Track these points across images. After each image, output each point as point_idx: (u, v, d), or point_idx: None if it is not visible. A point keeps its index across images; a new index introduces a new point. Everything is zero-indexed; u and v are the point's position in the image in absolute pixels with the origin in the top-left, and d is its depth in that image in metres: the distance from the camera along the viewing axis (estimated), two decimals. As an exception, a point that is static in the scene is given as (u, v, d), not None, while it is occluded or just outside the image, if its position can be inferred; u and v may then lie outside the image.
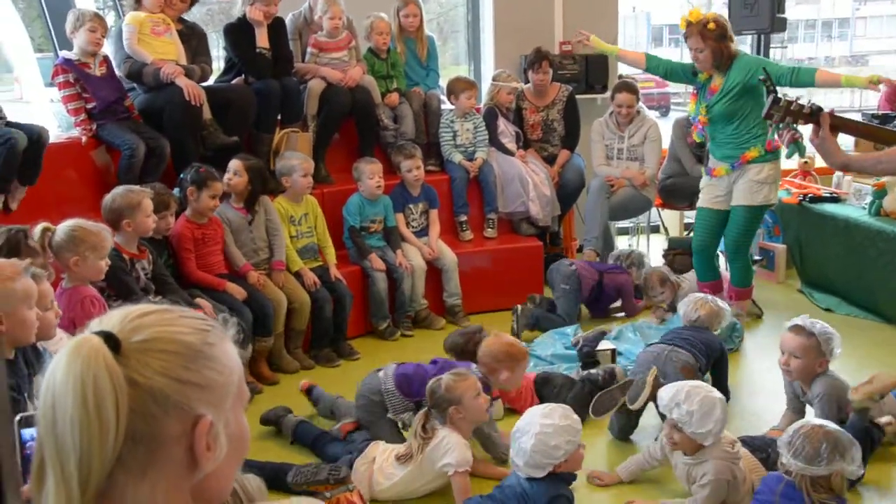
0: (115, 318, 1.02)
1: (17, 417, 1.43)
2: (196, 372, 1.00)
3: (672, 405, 2.96)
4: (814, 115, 2.87)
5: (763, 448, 3.19)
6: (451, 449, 3.10)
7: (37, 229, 3.25)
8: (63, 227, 3.28)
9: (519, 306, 5.03)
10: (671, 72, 5.08)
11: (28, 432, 1.69)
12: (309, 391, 4.01)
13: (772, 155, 4.76)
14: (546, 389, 3.98)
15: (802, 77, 4.48)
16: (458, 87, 5.72)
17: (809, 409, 3.56)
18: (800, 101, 2.92)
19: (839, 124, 2.87)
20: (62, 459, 0.94)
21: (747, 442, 3.22)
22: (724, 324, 4.17)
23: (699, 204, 5.04)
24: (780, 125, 2.98)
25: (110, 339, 0.97)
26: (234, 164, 4.57)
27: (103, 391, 0.94)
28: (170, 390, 0.98)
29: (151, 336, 1.00)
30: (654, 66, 5.14)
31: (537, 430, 2.81)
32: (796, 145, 3.07)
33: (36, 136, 4.02)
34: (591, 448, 3.25)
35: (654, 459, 3.25)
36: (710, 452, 2.95)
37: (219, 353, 1.04)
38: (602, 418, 3.69)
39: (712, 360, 3.90)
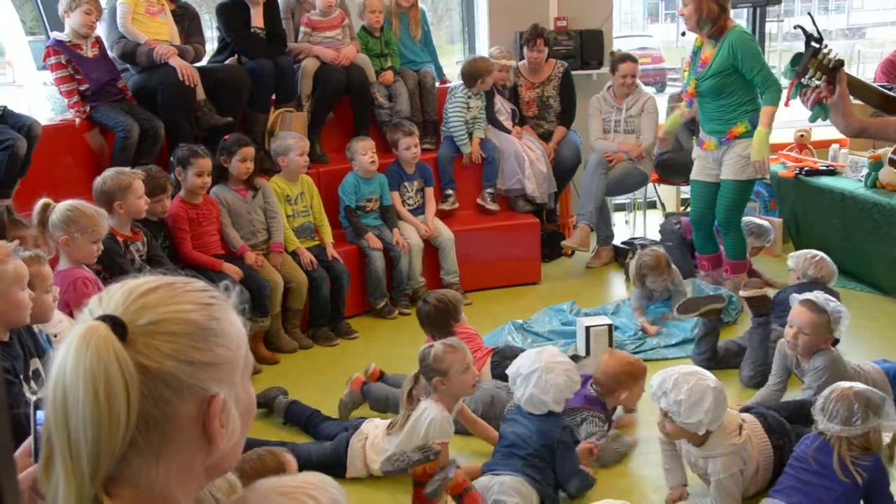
0: (117, 296, 1.00)
1: (34, 399, 1.42)
2: (206, 351, 1.00)
3: (660, 393, 2.81)
4: (835, 70, 2.54)
5: (781, 433, 3.01)
6: (431, 421, 3.12)
7: (37, 205, 3.27)
8: (60, 206, 3.29)
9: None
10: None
11: (42, 414, 1.67)
12: (363, 385, 3.87)
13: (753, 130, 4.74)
14: (502, 365, 3.88)
15: (765, 98, 4.57)
16: (486, 68, 5.57)
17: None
18: (828, 55, 2.56)
19: (855, 84, 2.58)
20: (74, 452, 0.94)
21: (764, 416, 3.05)
22: (833, 282, 4.32)
23: (692, 176, 5.03)
24: (807, 81, 2.60)
25: (117, 326, 0.96)
26: (248, 151, 4.54)
27: (115, 383, 0.93)
28: (181, 373, 0.97)
29: (158, 318, 0.98)
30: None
31: (564, 367, 3.01)
32: (822, 107, 2.65)
33: (27, 129, 4.00)
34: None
35: (675, 453, 3.06)
36: (716, 447, 2.83)
37: (226, 326, 1.03)
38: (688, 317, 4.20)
39: None
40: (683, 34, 4.77)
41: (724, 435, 2.84)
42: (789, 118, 6.36)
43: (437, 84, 5.90)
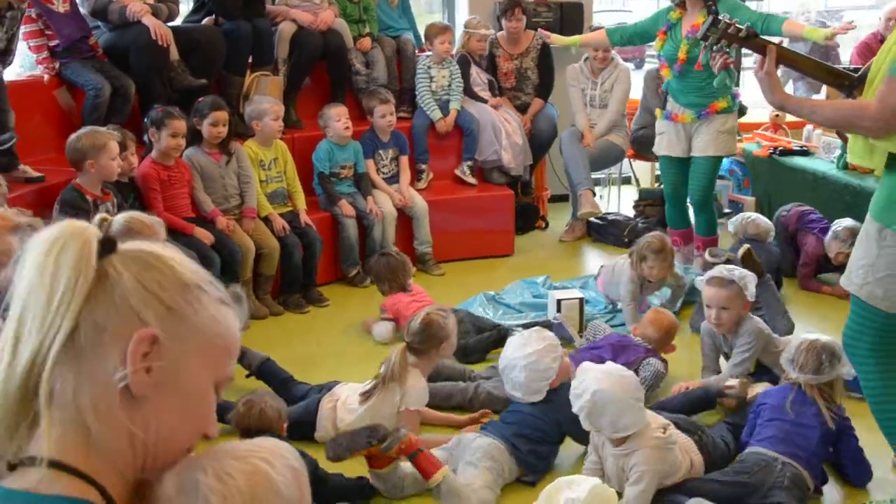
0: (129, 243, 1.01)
1: None
2: (171, 295, 0.98)
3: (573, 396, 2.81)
4: (748, 38, 2.69)
5: (693, 430, 3.03)
6: (410, 387, 3.18)
7: (95, 219, 3.20)
8: (119, 218, 3.20)
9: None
10: (632, 36, 5.05)
11: None
12: None
13: (734, 105, 4.77)
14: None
15: (772, 25, 4.42)
16: (431, 32, 5.66)
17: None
18: (737, 24, 2.71)
19: (786, 56, 2.68)
20: (18, 322, 0.95)
21: (678, 424, 3.02)
22: (770, 238, 4.75)
23: (659, 151, 4.99)
24: (715, 48, 2.78)
25: (108, 241, 0.97)
26: (220, 115, 4.46)
27: (69, 256, 0.94)
28: (134, 294, 0.96)
29: (148, 254, 0.99)
30: (616, 38, 5.16)
31: (524, 362, 3.00)
32: (727, 72, 2.88)
33: None
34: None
35: (599, 466, 2.91)
36: (638, 441, 2.75)
37: (206, 301, 1.02)
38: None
39: (775, 269, 4.56)
40: (681, 5, 4.68)
41: (647, 429, 2.78)
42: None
43: (417, 52, 5.85)
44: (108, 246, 0.97)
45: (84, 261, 0.94)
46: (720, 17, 2.74)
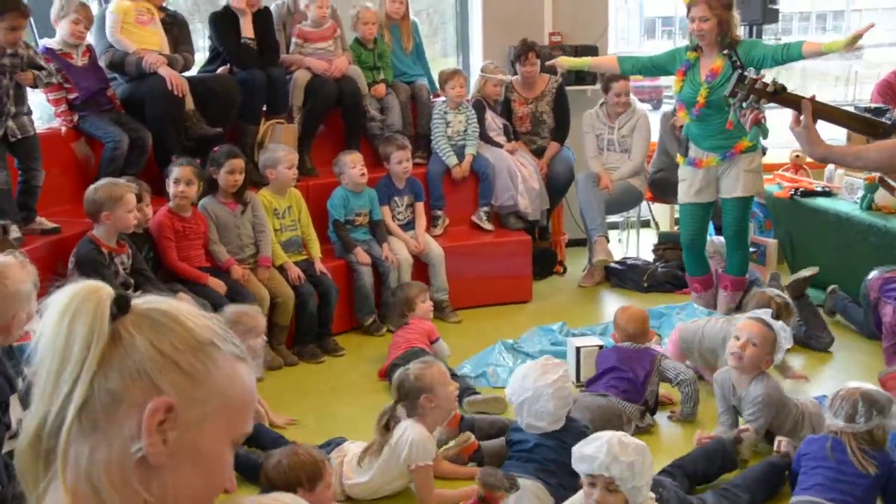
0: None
1: None
2: (185, 357, 0.96)
3: (609, 460, 2.46)
4: (777, 93, 2.68)
5: (654, 487, 2.78)
6: (412, 443, 3.07)
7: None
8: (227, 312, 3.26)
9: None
10: (645, 68, 5.00)
11: None
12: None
13: (759, 143, 4.71)
14: None
15: (792, 51, 4.41)
16: (442, 78, 5.68)
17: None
18: (763, 80, 2.72)
19: (820, 110, 2.68)
20: (38, 381, 0.95)
21: (661, 497, 2.86)
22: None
23: (681, 199, 4.93)
24: (744, 104, 2.77)
25: (122, 299, 0.96)
26: (237, 163, 4.47)
27: (81, 322, 0.93)
28: (148, 359, 0.94)
29: (160, 313, 0.97)
30: (628, 66, 5.06)
31: (551, 390, 2.98)
32: (759, 127, 2.93)
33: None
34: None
35: None
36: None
37: (220, 360, 1.00)
38: None
39: None
40: (690, 50, 4.65)
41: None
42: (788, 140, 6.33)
43: (431, 97, 5.86)
44: (121, 306, 0.96)
45: (97, 324, 0.94)
46: (746, 73, 2.73)
